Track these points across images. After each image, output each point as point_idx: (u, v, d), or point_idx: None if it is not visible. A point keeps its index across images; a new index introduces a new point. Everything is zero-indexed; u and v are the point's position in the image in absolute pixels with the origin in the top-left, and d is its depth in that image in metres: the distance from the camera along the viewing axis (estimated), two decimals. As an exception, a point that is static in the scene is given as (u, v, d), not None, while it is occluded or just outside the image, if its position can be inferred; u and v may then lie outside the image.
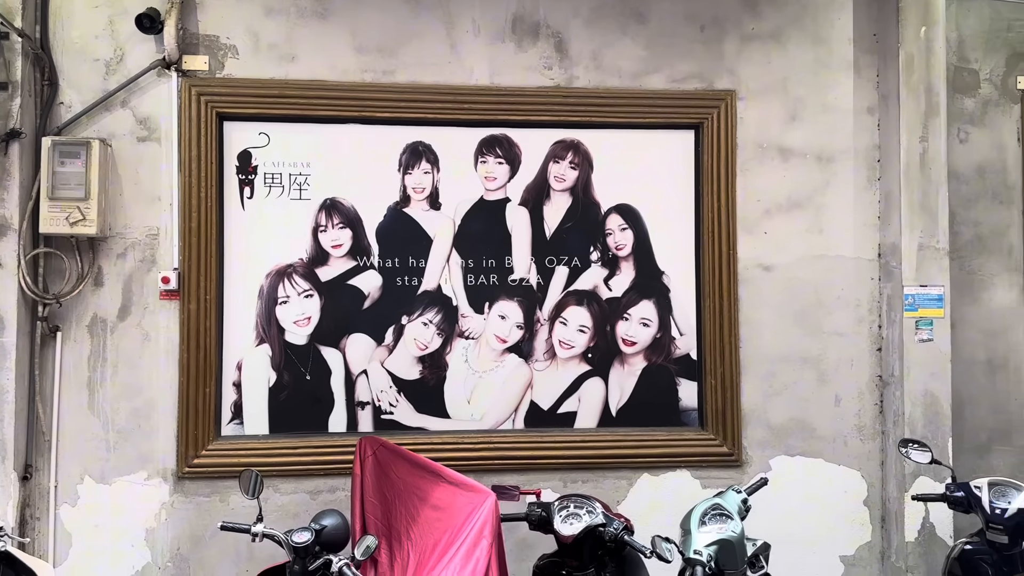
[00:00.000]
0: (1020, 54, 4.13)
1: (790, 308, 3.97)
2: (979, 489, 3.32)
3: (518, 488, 3.28)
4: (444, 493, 3.02)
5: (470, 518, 2.88)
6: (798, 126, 3.98)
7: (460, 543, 2.81)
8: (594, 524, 3.00)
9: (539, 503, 3.22)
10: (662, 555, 2.80)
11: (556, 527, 3.08)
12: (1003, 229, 4.11)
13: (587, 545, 3.01)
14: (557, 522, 3.09)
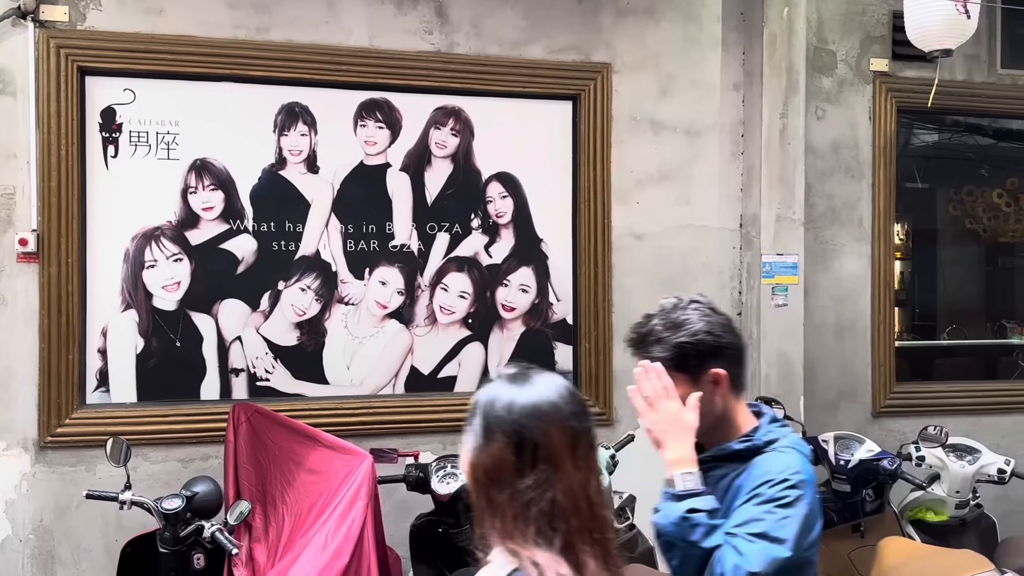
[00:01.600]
0: (873, 37, 4.42)
1: (659, 275, 4.15)
2: (826, 443, 3.61)
3: (396, 451, 3.33)
4: (320, 457, 3.03)
5: (346, 481, 2.90)
6: (669, 100, 4.14)
7: (335, 505, 2.84)
8: (469, 483, 3.08)
9: (417, 464, 3.28)
10: (534, 510, 2.91)
11: (433, 487, 3.15)
12: (854, 202, 4.42)
13: (462, 503, 3.10)
14: (434, 482, 3.17)
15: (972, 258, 5.69)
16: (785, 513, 1.59)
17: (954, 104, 4.54)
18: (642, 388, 1.72)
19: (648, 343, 1.77)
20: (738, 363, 1.78)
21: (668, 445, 1.69)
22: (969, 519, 3.64)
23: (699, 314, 1.75)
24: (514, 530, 1.23)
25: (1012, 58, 4.62)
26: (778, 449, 1.71)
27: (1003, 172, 5.13)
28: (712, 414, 1.73)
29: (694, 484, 1.64)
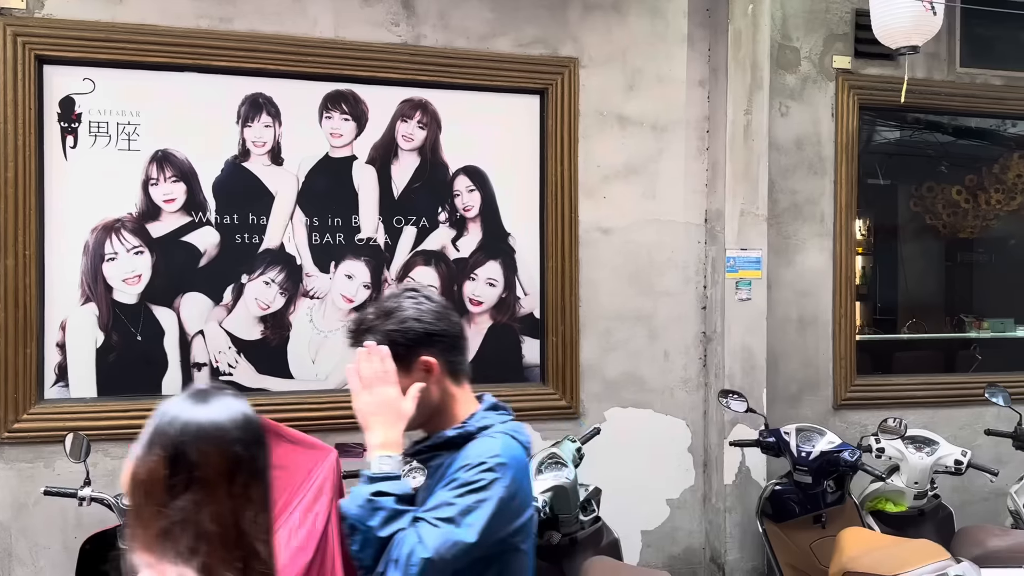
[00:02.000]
0: (836, 35, 4.48)
1: (626, 269, 4.17)
2: (788, 435, 3.66)
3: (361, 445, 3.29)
4: (284, 452, 2.99)
5: (311, 475, 2.88)
6: (636, 96, 4.16)
7: (299, 500, 2.81)
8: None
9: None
10: (499, 503, 2.92)
11: (399, 481, 3.13)
12: (816, 198, 4.47)
13: (429, 497, 3.09)
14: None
15: (932, 253, 5.81)
16: (478, 497, 1.55)
17: (915, 102, 4.61)
18: (360, 368, 1.68)
19: (361, 332, 1.74)
20: (453, 350, 1.75)
21: (374, 428, 1.66)
22: (927, 510, 3.71)
23: (412, 302, 1.73)
24: (155, 544, 1.21)
25: (971, 57, 4.71)
26: (489, 434, 1.67)
27: (962, 169, 5.23)
28: (428, 403, 1.70)
29: (390, 468, 1.61)
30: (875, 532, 3.54)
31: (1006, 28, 4.77)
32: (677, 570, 4.19)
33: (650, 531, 4.18)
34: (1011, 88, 4.74)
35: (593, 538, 3.21)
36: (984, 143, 5.25)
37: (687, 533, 4.24)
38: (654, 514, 4.20)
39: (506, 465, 1.61)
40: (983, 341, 5.22)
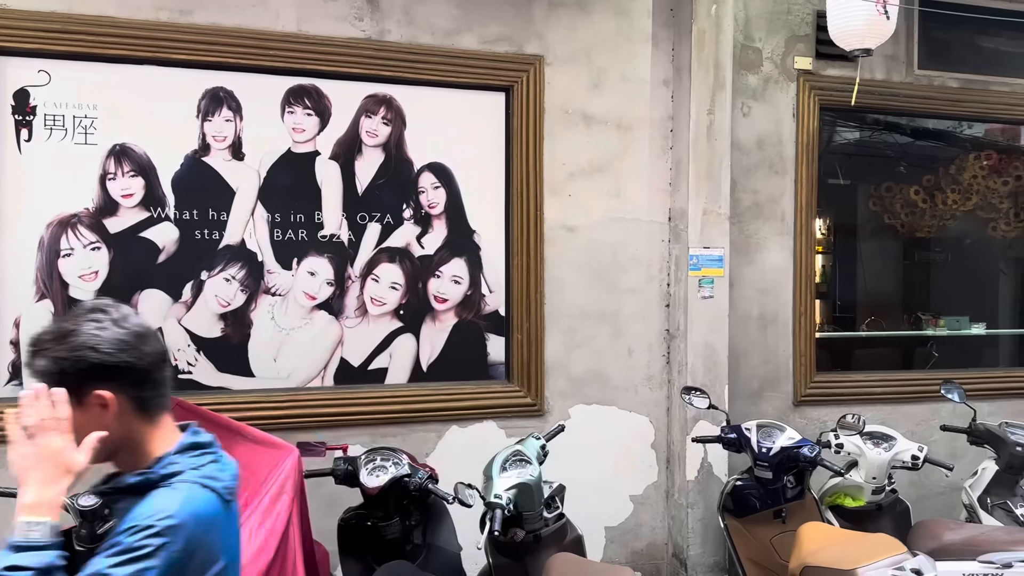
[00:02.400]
0: (798, 36, 4.53)
1: (590, 267, 4.19)
2: (749, 431, 3.70)
3: (324, 444, 3.28)
4: (245, 451, 2.95)
5: (271, 474, 2.84)
6: (600, 94, 4.17)
7: (260, 500, 2.77)
8: (400, 475, 3.05)
9: (346, 458, 3.24)
10: (464, 500, 2.91)
11: (362, 480, 3.11)
12: (778, 197, 4.53)
13: (392, 496, 3.07)
14: (363, 475, 3.12)
15: (890, 252, 5.91)
16: (138, 568, 1.38)
17: (874, 103, 4.70)
18: (23, 415, 1.43)
19: (33, 354, 1.50)
20: (142, 384, 1.53)
21: (28, 486, 1.41)
22: (885, 504, 3.78)
23: (93, 325, 1.50)
24: None
25: (929, 59, 4.80)
26: (172, 485, 1.50)
27: (920, 169, 5.33)
28: (110, 442, 1.51)
29: (38, 535, 1.38)
30: (834, 527, 3.59)
31: (962, 32, 4.87)
32: (640, 566, 4.22)
33: (614, 527, 4.21)
34: (966, 90, 4.84)
35: (557, 535, 3.20)
36: (941, 144, 5.35)
37: (650, 529, 4.27)
38: (618, 510, 4.22)
39: (178, 527, 1.43)
40: (939, 339, 5.33)
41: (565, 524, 3.28)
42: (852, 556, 2.87)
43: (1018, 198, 5.37)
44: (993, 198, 5.33)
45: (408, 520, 3.11)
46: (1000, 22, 4.83)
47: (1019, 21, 4.84)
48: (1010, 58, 4.97)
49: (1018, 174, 5.34)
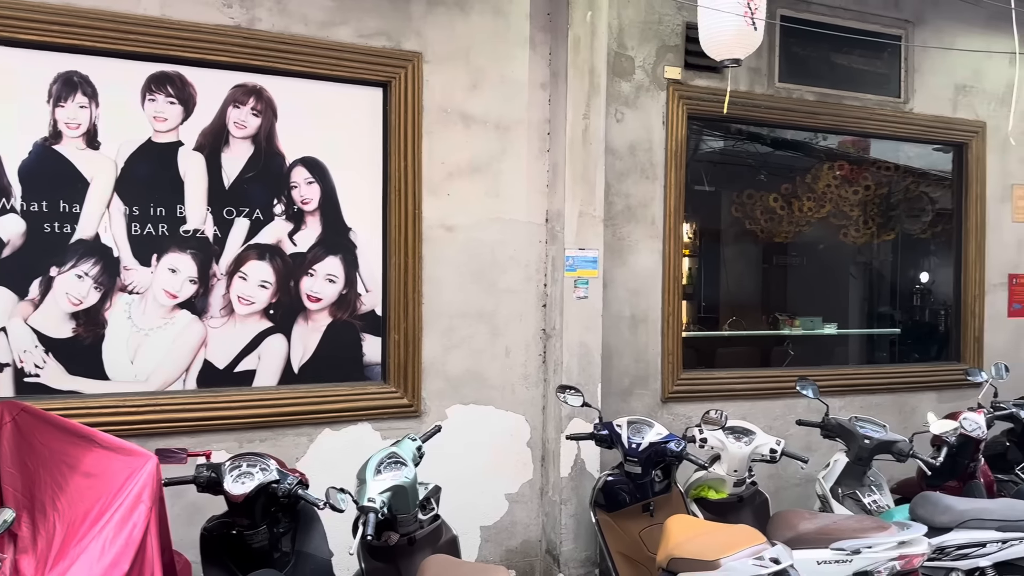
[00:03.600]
0: (668, 46, 4.69)
1: (469, 267, 4.18)
2: (620, 427, 3.80)
3: (185, 450, 3.12)
4: (98, 459, 2.77)
5: (127, 483, 2.68)
6: (479, 94, 4.17)
7: (114, 510, 2.61)
8: (267, 481, 2.94)
9: (209, 464, 3.09)
10: (335, 505, 2.84)
11: (226, 487, 2.97)
12: (648, 201, 4.67)
13: (259, 503, 2.95)
14: (228, 482, 2.99)
15: (751, 256, 6.21)
16: None
17: (738, 113, 4.91)
18: None
19: None
20: None
21: None
22: (745, 496, 3.96)
23: None
24: None
25: (789, 73, 5.08)
26: None
27: (779, 178, 5.63)
28: None
29: None
30: (699, 519, 3.74)
31: (819, 48, 5.18)
32: (515, 563, 4.25)
33: (489, 526, 4.22)
34: (822, 104, 5.15)
35: (432, 536, 3.18)
36: (798, 154, 5.67)
37: (525, 526, 4.31)
38: (493, 509, 4.24)
39: None
40: (795, 338, 5.65)
41: (440, 525, 3.25)
42: (715, 547, 2.99)
43: (867, 207, 5.76)
44: (845, 206, 5.69)
45: (276, 527, 3.01)
46: (853, 40, 5.17)
47: (869, 40, 5.21)
48: (861, 75, 5.33)
49: (867, 184, 5.73)
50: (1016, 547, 3.42)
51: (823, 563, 3.18)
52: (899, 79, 5.40)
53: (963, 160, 5.64)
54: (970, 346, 5.61)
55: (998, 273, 5.70)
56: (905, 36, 5.37)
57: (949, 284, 5.78)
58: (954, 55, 5.42)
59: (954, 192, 5.72)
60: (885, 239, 6.00)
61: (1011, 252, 5.75)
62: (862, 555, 3.12)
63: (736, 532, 3.13)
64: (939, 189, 5.85)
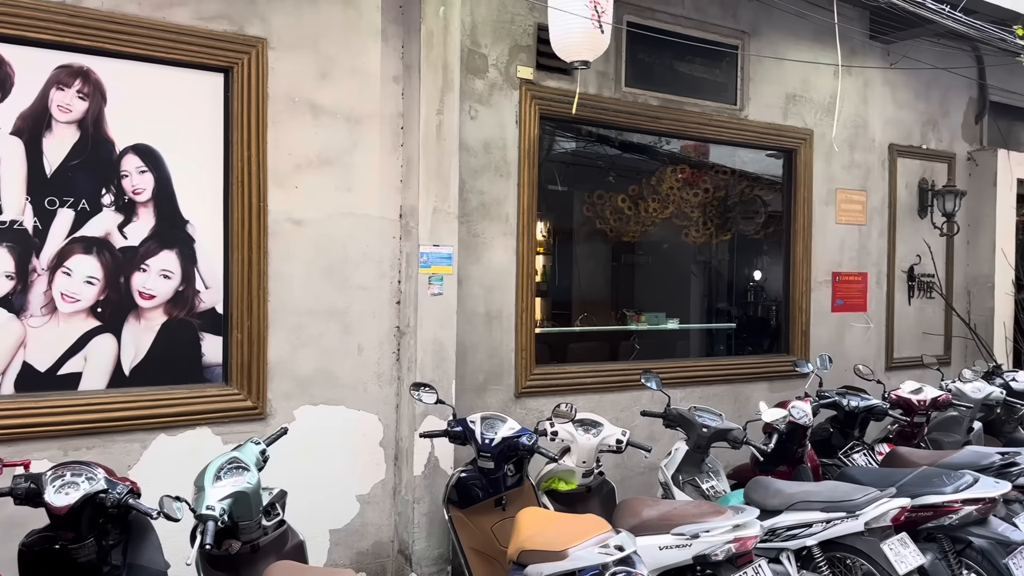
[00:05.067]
0: (521, 46, 4.74)
1: (319, 263, 4.06)
2: (474, 423, 3.80)
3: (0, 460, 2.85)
4: None
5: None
6: (329, 85, 4.06)
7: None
8: (93, 491, 2.73)
9: (28, 475, 2.83)
10: (170, 515, 2.67)
11: (47, 499, 2.74)
12: (502, 199, 4.71)
13: (86, 515, 2.74)
14: (49, 493, 2.75)
15: (601, 254, 6.40)
16: None
17: (587, 115, 5.05)
18: None
19: None
20: None
21: None
22: (593, 486, 4.07)
23: None
24: None
25: (635, 78, 5.27)
26: None
27: (627, 180, 5.83)
28: None
29: None
30: (549, 510, 3.81)
31: (663, 55, 5.40)
32: (365, 565, 4.18)
33: (339, 529, 4.12)
34: (665, 109, 5.38)
35: (276, 543, 3.06)
36: (645, 157, 5.90)
37: (376, 528, 4.23)
38: (343, 512, 4.14)
39: None
40: (641, 333, 5.87)
41: (286, 531, 3.14)
42: (563, 537, 3.05)
43: (706, 208, 6.07)
44: (686, 208, 5.97)
45: (105, 540, 2.80)
46: (695, 49, 5.43)
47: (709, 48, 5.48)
48: (701, 82, 5.61)
49: (706, 187, 6.04)
50: (839, 526, 3.68)
51: (665, 548, 3.30)
52: (736, 87, 5.72)
53: (792, 165, 6.05)
54: (798, 339, 6.03)
55: (823, 271, 6.16)
56: (741, 46, 5.70)
57: (780, 281, 6.19)
58: (785, 66, 5.81)
59: (784, 195, 6.13)
60: (723, 239, 6.34)
61: (835, 252, 6.23)
62: (700, 539, 3.26)
63: (583, 522, 3.20)
64: (771, 192, 6.25)
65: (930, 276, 6.78)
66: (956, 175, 6.95)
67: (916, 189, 6.73)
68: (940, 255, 6.85)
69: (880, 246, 6.51)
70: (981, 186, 7.02)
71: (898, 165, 6.59)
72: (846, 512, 3.66)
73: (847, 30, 5.84)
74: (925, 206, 6.76)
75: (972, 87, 7.11)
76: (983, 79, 7.10)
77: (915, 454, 4.63)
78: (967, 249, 7.07)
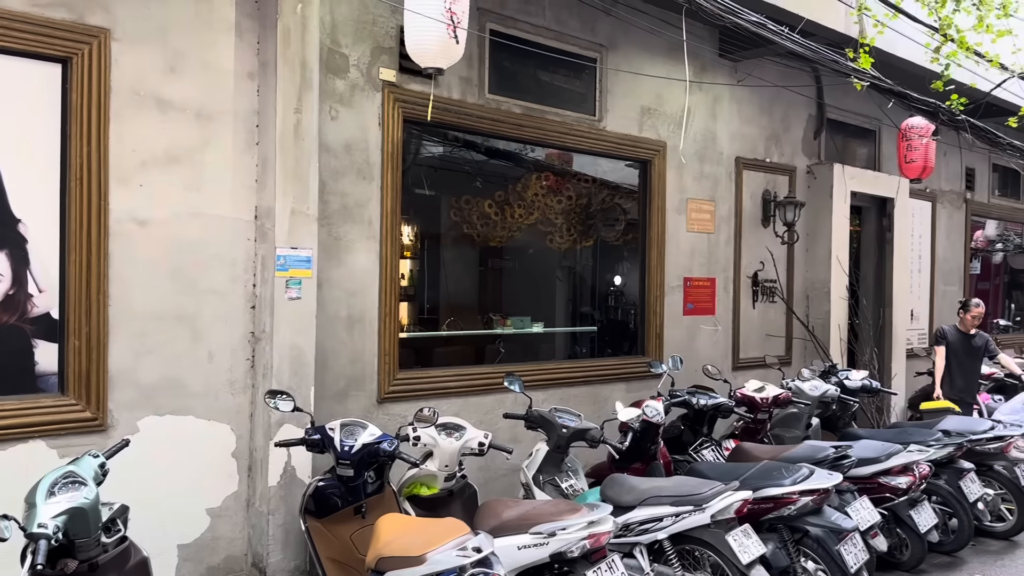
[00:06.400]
0: (383, 48, 4.70)
1: (166, 265, 3.88)
2: (333, 431, 3.72)
3: None
4: None
5: None
6: (178, 79, 3.88)
7: None
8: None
9: None
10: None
11: None
12: (365, 202, 4.65)
13: None
14: None
15: (468, 259, 6.44)
16: None
17: (451, 120, 5.07)
18: None
19: None
20: None
21: None
22: (456, 490, 4.08)
23: None
24: None
25: (499, 86, 5.34)
26: None
27: (493, 186, 5.89)
28: None
29: None
30: (410, 516, 3.79)
31: (526, 64, 5.51)
32: (217, 581, 4.01)
33: (188, 544, 3.93)
34: (528, 117, 5.48)
35: (117, 561, 2.88)
36: (511, 164, 5.99)
37: (228, 541, 4.07)
38: (193, 526, 3.95)
39: None
40: (507, 336, 5.95)
41: (128, 548, 2.97)
42: (422, 542, 3.04)
43: (569, 215, 6.22)
44: (551, 214, 6.11)
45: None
46: (557, 60, 5.56)
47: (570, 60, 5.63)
48: (563, 92, 5.75)
49: (569, 194, 6.19)
50: (687, 519, 3.86)
51: (523, 548, 3.36)
52: (595, 98, 5.91)
53: (648, 176, 6.30)
54: (653, 341, 6.28)
55: (676, 277, 6.45)
56: (600, 59, 5.89)
57: (637, 286, 6.43)
58: (641, 80, 6.05)
59: (640, 204, 6.37)
60: (585, 245, 6.52)
61: (686, 258, 6.54)
62: (557, 537, 3.33)
63: (443, 526, 3.20)
64: (629, 201, 6.49)
65: (773, 282, 7.23)
66: (796, 187, 7.45)
67: (760, 200, 7.17)
68: (782, 262, 7.32)
69: (727, 253, 6.88)
70: (819, 198, 7.55)
71: (744, 177, 7.00)
72: (694, 506, 3.84)
73: (697, 48, 6.15)
74: (768, 216, 7.21)
75: (811, 105, 7.65)
76: (821, 98, 7.66)
77: (758, 449, 4.93)
78: (806, 256, 7.59)
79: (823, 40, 6.18)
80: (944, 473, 5.32)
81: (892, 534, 4.93)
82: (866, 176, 7.97)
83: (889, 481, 4.86)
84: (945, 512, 5.28)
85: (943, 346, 7.17)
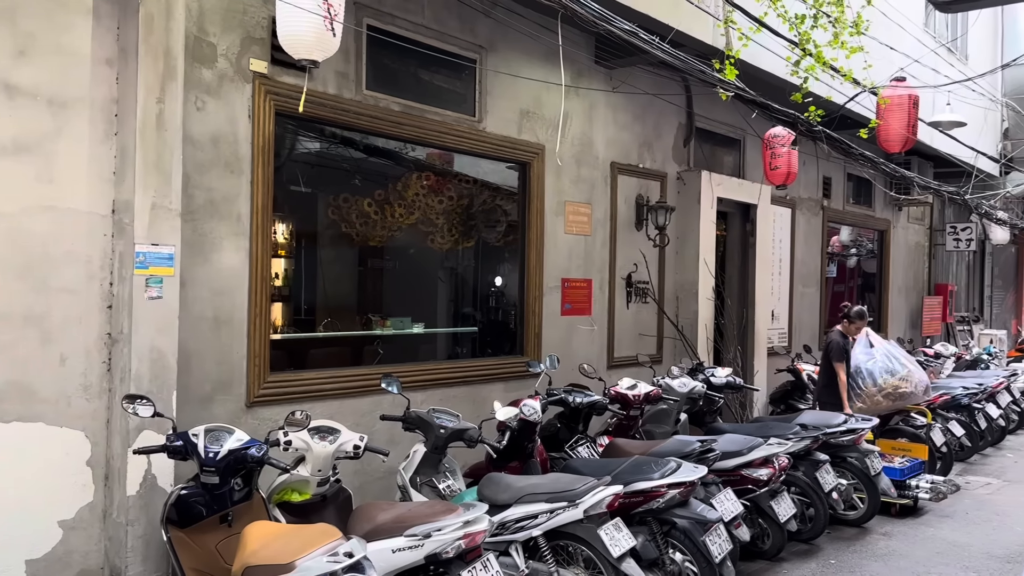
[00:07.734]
0: (254, 38, 4.53)
1: (13, 262, 3.62)
2: (196, 436, 3.56)
3: None
4: None
5: None
6: (28, 63, 3.63)
7: None
8: None
9: None
10: None
11: None
12: (233, 197, 4.46)
13: None
14: None
15: (347, 258, 6.31)
16: None
17: (328, 115, 4.96)
18: None
19: None
20: None
21: None
22: (330, 495, 3.98)
23: None
24: None
25: (376, 82, 5.26)
26: None
27: (373, 184, 5.80)
28: None
29: None
30: (279, 523, 3.67)
31: (405, 62, 5.45)
32: (70, 598, 3.76)
33: (37, 559, 3.67)
34: (406, 115, 5.42)
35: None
36: (391, 163, 5.91)
37: (83, 555, 3.82)
38: (43, 540, 3.69)
39: None
40: (386, 337, 5.86)
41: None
42: (291, 549, 2.95)
43: (451, 216, 6.21)
44: (432, 214, 6.07)
45: None
46: (437, 59, 5.54)
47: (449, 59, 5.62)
48: (443, 91, 5.73)
49: (451, 195, 6.17)
50: (561, 515, 3.92)
51: (398, 551, 3.32)
52: (474, 99, 5.92)
53: (527, 178, 6.37)
54: (531, 341, 6.35)
55: (554, 278, 6.55)
56: (480, 60, 5.91)
57: (517, 287, 6.48)
58: (520, 82, 6.11)
59: (520, 206, 6.44)
60: (467, 246, 6.52)
61: (564, 259, 6.65)
62: (432, 538, 3.31)
63: (313, 532, 3.12)
64: (510, 203, 6.53)
65: (645, 283, 7.47)
66: (667, 192, 7.72)
67: (634, 204, 7.39)
68: (653, 264, 7.57)
69: (603, 255, 7.06)
70: (688, 203, 7.86)
71: (618, 181, 7.20)
72: (568, 502, 3.91)
73: (574, 53, 6.28)
74: (641, 219, 7.44)
75: (681, 114, 7.96)
76: (691, 107, 7.98)
77: (630, 444, 5.07)
78: (676, 259, 7.88)
79: (692, 51, 6.43)
80: (802, 465, 5.64)
81: (754, 524, 5.18)
82: (731, 183, 8.36)
83: (751, 473, 5.10)
84: (803, 502, 5.59)
85: (843, 362, 6.94)
